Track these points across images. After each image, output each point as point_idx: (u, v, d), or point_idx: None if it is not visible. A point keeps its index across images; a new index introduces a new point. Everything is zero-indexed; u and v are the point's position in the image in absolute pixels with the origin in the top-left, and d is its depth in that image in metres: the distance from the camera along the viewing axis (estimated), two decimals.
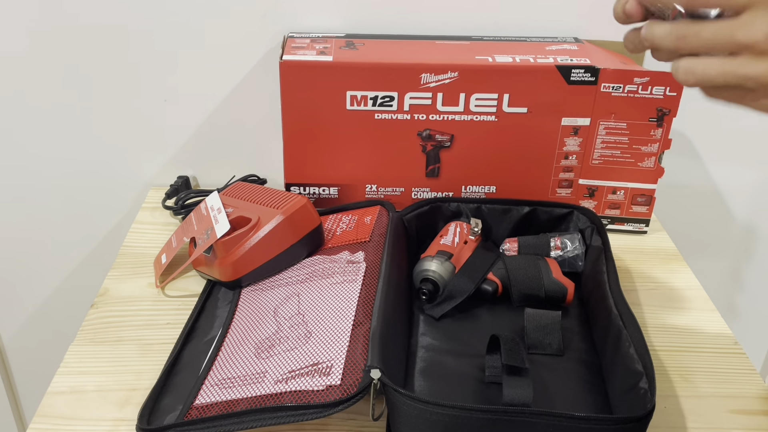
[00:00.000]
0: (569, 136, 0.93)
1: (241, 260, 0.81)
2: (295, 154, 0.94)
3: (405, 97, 0.90)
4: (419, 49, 0.92)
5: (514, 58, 0.90)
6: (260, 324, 0.74)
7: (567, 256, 0.85)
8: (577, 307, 0.82)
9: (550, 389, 0.70)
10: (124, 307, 0.83)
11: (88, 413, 0.68)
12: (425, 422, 0.58)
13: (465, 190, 0.98)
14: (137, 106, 1.03)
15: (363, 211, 0.92)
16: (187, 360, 0.73)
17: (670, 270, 0.93)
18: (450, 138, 0.93)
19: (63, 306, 1.20)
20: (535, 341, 0.75)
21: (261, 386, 0.64)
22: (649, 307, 0.85)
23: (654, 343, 0.79)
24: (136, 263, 0.91)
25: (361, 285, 0.75)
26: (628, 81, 0.88)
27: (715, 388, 0.73)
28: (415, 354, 0.74)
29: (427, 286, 0.80)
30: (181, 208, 1.00)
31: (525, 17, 0.99)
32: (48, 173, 1.08)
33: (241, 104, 1.03)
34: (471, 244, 0.85)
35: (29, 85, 1.01)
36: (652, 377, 0.62)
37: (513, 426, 0.57)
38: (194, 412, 0.64)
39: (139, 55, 0.99)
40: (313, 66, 0.87)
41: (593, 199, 0.98)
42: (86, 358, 0.75)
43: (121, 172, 1.08)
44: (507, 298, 0.82)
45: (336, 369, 0.63)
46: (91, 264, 1.16)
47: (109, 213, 1.12)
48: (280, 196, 0.85)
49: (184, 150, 1.07)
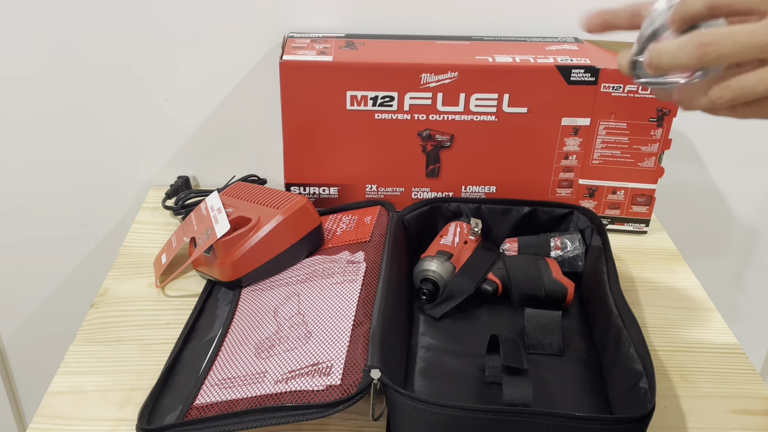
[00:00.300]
0: (569, 136, 0.93)
1: (241, 260, 0.81)
2: (295, 154, 0.94)
3: (405, 97, 0.90)
4: (419, 49, 0.92)
5: (514, 58, 0.90)
6: (260, 324, 0.74)
7: (567, 256, 0.85)
8: (577, 307, 0.82)
9: (550, 389, 0.70)
10: (124, 307, 0.83)
11: (88, 413, 0.68)
12: (425, 422, 0.58)
13: (465, 190, 0.98)
14: (137, 106, 1.03)
15: (363, 211, 0.92)
16: (187, 360, 0.73)
17: (670, 270, 0.92)
18: (450, 138, 0.93)
19: (63, 306, 1.20)
20: (535, 341, 0.75)
21: (261, 386, 0.64)
22: (649, 307, 0.85)
23: (654, 343, 0.79)
24: (136, 263, 0.91)
25: (361, 285, 0.75)
26: (628, 81, 0.88)
27: (715, 388, 0.73)
28: (415, 354, 0.74)
29: (427, 286, 0.80)
30: (181, 208, 1.00)
31: (525, 17, 0.99)
32: (48, 173, 1.08)
33: (241, 104, 1.03)
34: (471, 244, 0.85)
35: (29, 85, 1.01)
36: (652, 377, 0.62)
37: (513, 426, 0.57)
38: (194, 412, 0.64)
39: (139, 55, 0.99)
40: (313, 66, 0.87)
41: (593, 199, 0.98)
42: (86, 358, 0.75)
43: (121, 172, 1.09)
44: (507, 298, 0.82)
45: (336, 369, 0.63)
46: (91, 264, 1.16)
47: (109, 213, 1.12)
48: (280, 196, 0.85)
49: (184, 150, 1.07)
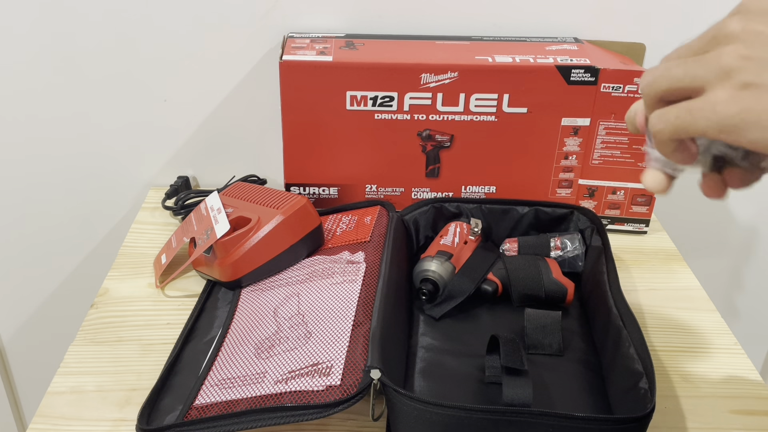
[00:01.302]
0: (569, 136, 0.93)
1: (241, 260, 0.81)
2: (295, 154, 0.94)
3: (405, 97, 0.90)
4: (419, 49, 0.92)
5: (514, 58, 0.90)
6: (260, 324, 0.74)
7: (567, 256, 0.85)
8: (577, 307, 0.82)
9: (550, 389, 0.70)
10: (124, 307, 0.83)
11: (88, 413, 0.68)
12: (425, 422, 0.58)
13: (465, 190, 0.98)
14: (137, 106, 1.03)
15: (363, 211, 0.92)
16: (187, 360, 0.73)
17: (670, 270, 0.93)
18: (450, 138, 0.93)
19: (63, 306, 1.20)
20: (535, 341, 0.75)
21: (261, 386, 0.64)
22: (649, 307, 0.85)
23: (654, 343, 0.79)
24: (136, 263, 0.91)
25: (361, 285, 0.75)
26: (628, 81, 0.88)
27: (715, 388, 0.73)
28: (415, 354, 0.74)
29: (427, 286, 0.80)
30: (181, 209, 1.00)
31: (525, 17, 0.99)
32: (48, 173, 1.08)
33: (241, 104, 1.03)
34: (471, 244, 0.85)
35: (29, 85, 1.01)
36: (652, 377, 0.62)
37: (513, 426, 0.57)
38: (194, 413, 0.64)
39: (139, 55, 0.99)
40: (313, 66, 0.87)
41: (593, 199, 0.98)
42: (86, 358, 0.75)
43: (121, 172, 1.09)
44: (507, 298, 0.82)
45: (336, 369, 0.63)
46: (91, 264, 1.16)
47: (109, 213, 1.12)
48: (280, 196, 0.85)
49: (184, 150, 1.07)
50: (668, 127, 0.42)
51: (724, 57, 0.40)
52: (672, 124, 0.42)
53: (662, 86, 0.43)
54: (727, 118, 0.40)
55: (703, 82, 0.41)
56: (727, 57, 0.40)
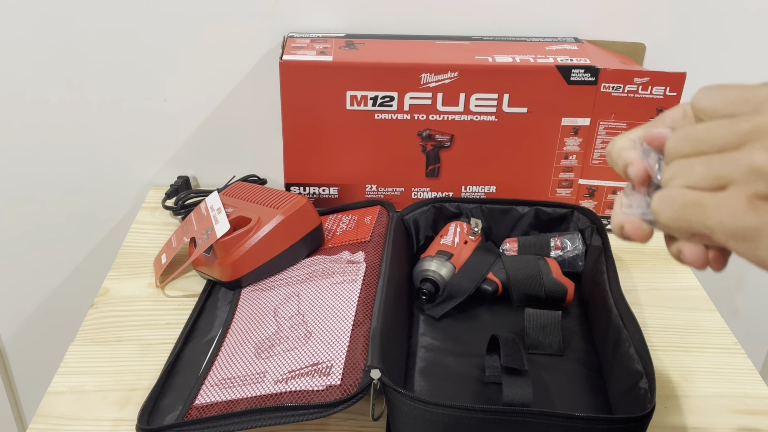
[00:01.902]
0: (569, 136, 0.93)
1: (241, 260, 0.81)
2: (295, 154, 0.94)
3: (405, 97, 0.90)
4: (419, 49, 0.92)
5: (514, 58, 0.90)
6: (260, 324, 0.74)
7: (567, 256, 0.85)
8: (577, 307, 0.82)
9: (550, 389, 0.70)
10: (124, 307, 0.83)
11: (88, 413, 0.68)
12: (425, 422, 0.58)
13: (465, 190, 0.98)
14: (137, 106, 1.03)
15: (363, 211, 0.92)
16: (187, 360, 0.73)
17: (670, 270, 0.92)
18: (450, 138, 0.93)
19: (63, 306, 1.20)
20: (535, 341, 0.75)
21: (261, 386, 0.64)
22: (649, 307, 0.85)
23: (654, 343, 0.79)
24: (136, 263, 0.91)
25: (361, 285, 0.75)
26: (628, 81, 0.88)
27: (715, 388, 0.73)
28: (415, 354, 0.74)
29: (427, 286, 0.80)
30: (181, 208, 1.00)
31: (525, 17, 0.99)
32: (48, 173, 1.08)
33: (241, 104, 1.03)
34: (471, 244, 0.85)
35: (29, 85, 1.01)
36: (652, 377, 0.62)
37: (513, 426, 0.57)
38: (194, 412, 0.64)
39: (139, 55, 0.99)
40: (313, 66, 0.87)
41: (593, 199, 0.98)
42: (86, 358, 0.75)
43: (121, 172, 1.09)
44: (507, 298, 0.82)
45: (336, 369, 0.63)
46: (91, 264, 1.16)
47: (109, 213, 1.12)
48: (280, 196, 0.85)
49: (184, 150, 1.07)
50: (669, 214, 0.37)
51: (757, 156, 0.34)
52: (676, 213, 0.37)
53: (680, 183, 0.37)
54: (743, 230, 0.34)
55: (727, 181, 0.35)
56: (760, 157, 0.34)
